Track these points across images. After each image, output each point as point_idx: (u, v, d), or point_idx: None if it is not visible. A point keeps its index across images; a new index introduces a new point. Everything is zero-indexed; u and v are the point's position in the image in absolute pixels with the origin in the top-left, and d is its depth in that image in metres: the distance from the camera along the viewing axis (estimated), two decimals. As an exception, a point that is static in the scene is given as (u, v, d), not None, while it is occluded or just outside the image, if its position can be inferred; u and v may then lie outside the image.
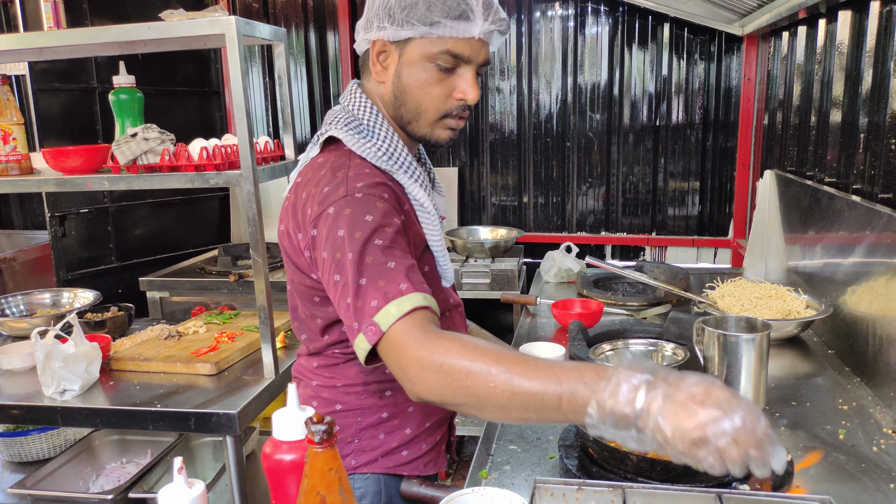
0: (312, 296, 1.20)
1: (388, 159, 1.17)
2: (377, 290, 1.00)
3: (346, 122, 1.20)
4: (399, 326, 0.97)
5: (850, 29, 1.99)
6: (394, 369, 1.00)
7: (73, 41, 1.87)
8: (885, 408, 1.51)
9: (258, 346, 2.05)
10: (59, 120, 3.14)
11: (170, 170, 1.89)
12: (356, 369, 1.24)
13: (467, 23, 1.11)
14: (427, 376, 0.95)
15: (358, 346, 1.02)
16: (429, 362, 0.94)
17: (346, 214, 1.06)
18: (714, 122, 3.50)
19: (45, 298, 2.55)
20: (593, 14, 3.52)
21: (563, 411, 0.88)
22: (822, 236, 2.03)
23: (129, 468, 2.18)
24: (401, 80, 1.16)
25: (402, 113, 1.19)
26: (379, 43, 1.16)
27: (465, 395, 0.93)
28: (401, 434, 1.27)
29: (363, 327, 1.00)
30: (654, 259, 3.67)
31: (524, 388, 0.90)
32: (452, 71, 1.15)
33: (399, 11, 1.11)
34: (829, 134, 2.14)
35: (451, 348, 0.94)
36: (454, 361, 0.93)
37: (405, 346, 0.97)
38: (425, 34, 1.11)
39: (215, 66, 3.91)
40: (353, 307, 1.01)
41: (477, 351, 0.94)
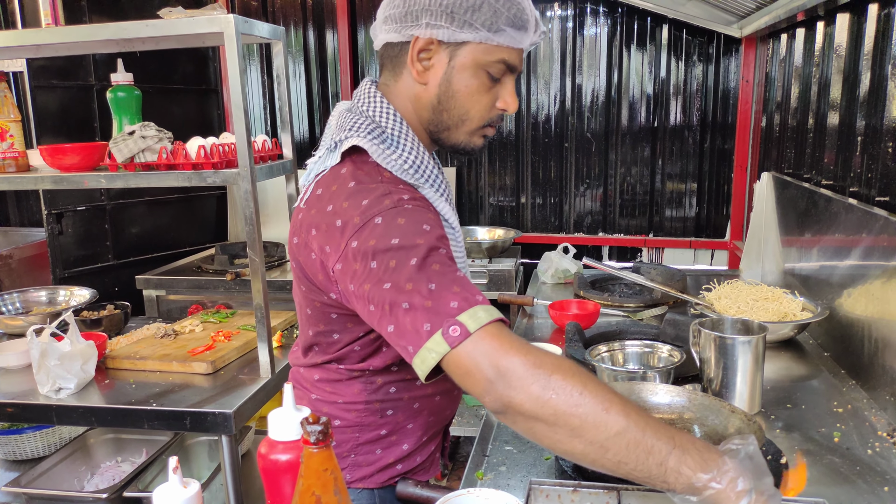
0: (329, 313, 1.14)
1: (414, 172, 1.11)
2: (454, 294, 0.91)
3: (367, 129, 1.10)
4: (491, 328, 0.89)
5: (849, 32, 1.99)
6: (479, 373, 0.88)
7: (71, 38, 1.86)
8: (880, 411, 1.51)
9: (254, 346, 2.05)
10: (56, 117, 3.13)
11: (167, 168, 1.89)
12: (359, 387, 1.20)
13: (524, 33, 1.08)
14: (531, 382, 0.85)
15: (429, 349, 0.90)
16: (535, 369, 0.86)
17: (399, 224, 0.97)
18: (712, 123, 3.50)
19: (41, 296, 2.54)
20: (592, 15, 3.52)
21: (667, 469, 0.83)
22: (819, 239, 2.04)
23: (124, 467, 2.17)
24: (450, 84, 1.09)
25: (444, 118, 1.12)
26: (423, 41, 1.07)
27: (568, 415, 0.84)
28: (398, 450, 1.25)
29: (442, 327, 0.89)
30: (651, 260, 3.67)
31: (638, 428, 0.84)
32: (498, 80, 1.11)
33: (462, 12, 1.04)
34: (826, 136, 2.14)
35: (564, 363, 0.87)
36: (567, 376, 0.86)
37: (505, 347, 0.87)
38: (486, 40, 1.06)
39: (213, 64, 3.90)
40: (423, 308, 0.91)
41: (590, 375, 0.88)
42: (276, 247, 3.37)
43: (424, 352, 0.91)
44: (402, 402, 1.22)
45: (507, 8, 1.05)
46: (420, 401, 1.24)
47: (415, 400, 1.23)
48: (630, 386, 1.37)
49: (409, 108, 1.15)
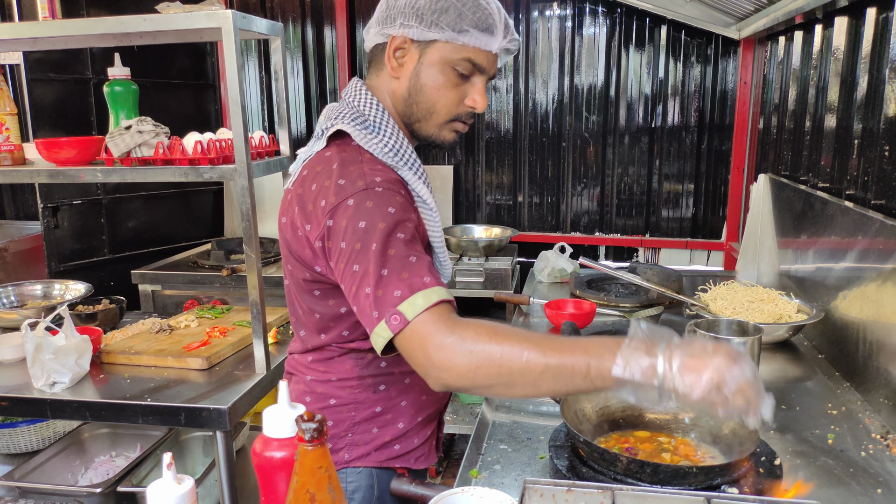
0: (312, 289, 1.20)
1: (393, 155, 1.19)
2: (401, 281, 1.02)
3: (352, 117, 1.20)
4: (426, 316, 0.99)
5: (847, 35, 1.99)
6: (416, 359, 1.01)
7: (69, 32, 1.86)
8: (874, 413, 1.51)
9: (250, 342, 2.05)
10: (52, 110, 3.12)
11: (164, 163, 1.88)
12: (351, 363, 1.25)
13: (490, 36, 1.16)
14: (457, 361, 0.97)
15: (378, 334, 1.02)
16: (459, 347, 0.97)
17: (367, 206, 1.07)
18: (709, 124, 3.50)
19: (36, 290, 2.53)
20: (591, 15, 3.52)
21: (592, 377, 0.96)
22: (815, 241, 2.04)
23: (119, 461, 2.17)
24: (419, 78, 1.19)
25: (414, 111, 1.22)
26: (399, 39, 1.18)
27: (497, 375, 0.97)
28: (394, 428, 1.28)
29: (385, 316, 1.01)
30: (648, 260, 3.68)
31: (556, 360, 0.96)
32: (468, 79, 1.19)
33: (429, 13, 1.14)
34: (823, 139, 2.15)
35: (481, 332, 0.98)
36: (485, 344, 0.97)
37: (432, 333, 0.98)
38: (451, 39, 1.15)
39: (211, 59, 3.89)
40: (374, 296, 1.02)
41: (505, 332, 0.99)
42: (273, 243, 3.36)
43: (374, 335, 1.03)
44: (394, 376, 1.27)
45: (472, 11, 1.15)
46: (411, 376, 1.28)
47: (406, 375, 1.28)
48: (625, 386, 1.37)
49: (388, 102, 1.24)
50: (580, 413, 1.33)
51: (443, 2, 1.14)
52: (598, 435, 1.33)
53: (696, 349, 0.96)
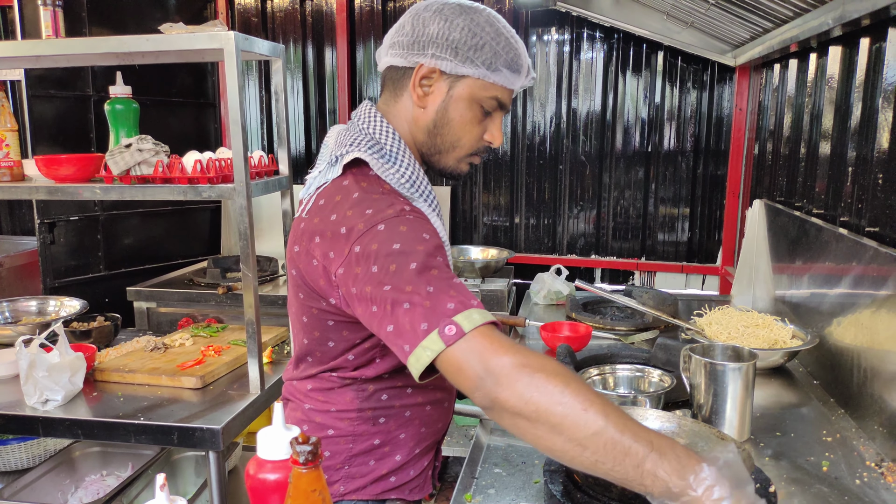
0: (326, 319, 1.17)
1: (409, 186, 1.17)
2: (452, 297, 0.96)
3: (367, 144, 1.17)
4: (484, 329, 0.94)
5: (841, 63, 2.02)
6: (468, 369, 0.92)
7: (72, 51, 1.87)
8: (869, 440, 1.51)
9: (244, 361, 2.04)
10: (52, 127, 3.13)
11: (163, 181, 1.89)
12: (351, 395, 1.23)
13: (517, 76, 1.18)
14: (517, 378, 0.89)
15: (425, 347, 0.94)
16: (522, 367, 0.90)
17: (401, 231, 1.03)
18: (705, 149, 3.53)
19: (30, 306, 2.53)
20: (589, 40, 3.56)
21: (644, 471, 0.85)
22: (810, 267, 2.05)
23: (109, 481, 2.15)
24: (447, 111, 1.18)
25: (437, 142, 1.21)
26: (427, 69, 1.16)
27: (549, 412, 0.88)
28: (391, 461, 1.26)
29: (439, 326, 0.93)
30: (643, 284, 3.68)
31: (617, 429, 0.86)
32: (489, 114, 1.20)
33: (465, 48, 1.13)
34: (817, 166, 2.17)
35: (549, 363, 0.92)
36: (551, 374, 0.89)
37: (495, 346, 0.92)
38: (483, 77, 1.15)
39: (212, 78, 3.92)
40: (423, 308, 0.95)
41: (575, 376, 0.92)
42: (269, 261, 3.37)
43: (420, 350, 0.94)
44: (394, 409, 1.24)
45: (505, 51, 1.16)
46: (411, 409, 1.26)
47: (406, 408, 1.25)
48: (620, 410, 1.37)
49: (406, 129, 1.22)
50: (575, 437, 1.32)
51: (478, 38, 1.14)
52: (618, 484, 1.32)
53: None
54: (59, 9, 2.00)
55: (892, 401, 1.45)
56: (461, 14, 1.15)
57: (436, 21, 1.15)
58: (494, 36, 1.15)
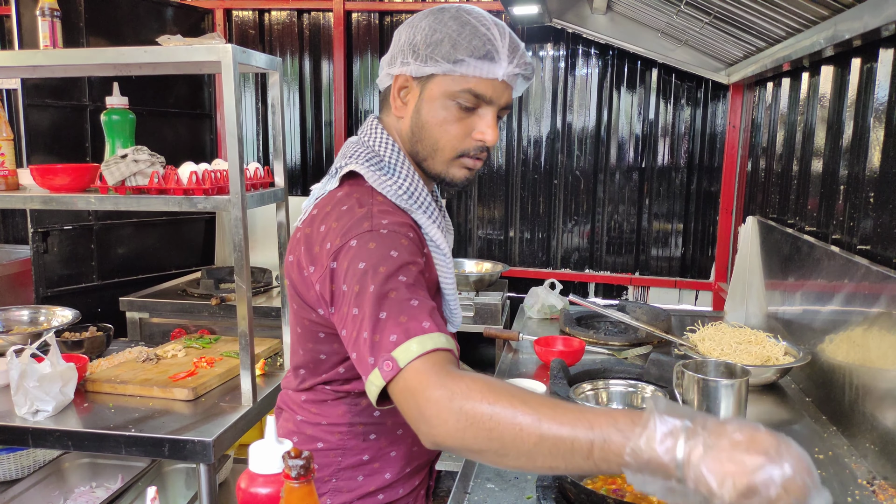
0: (317, 331, 1.16)
1: (407, 198, 1.15)
2: (398, 325, 0.94)
3: (366, 157, 1.17)
4: (418, 364, 0.91)
5: (833, 83, 2.04)
6: (408, 411, 0.92)
7: (70, 61, 1.88)
8: (861, 458, 1.52)
9: (237, 373, 2.03)
10: (48, 136, 3.13)
11: (158, 192, 1.89)
12: (344, 408, 1.21)
13: (492, 63, 1.11)
14: (446, 418, 0.87)
15: (371, 382, 0.95)
16: (449, 403, 0.87)
17: (369, 248, 1.03)
18: (699, 166, 3.56)
19: (22, 315, 2.51)
20: (584, 56, 3.59)
21: (595, 459, 0.81)
22: (802, 284, 2.06)
23: (99, 493, 2.14)
24: (420, 115, 1.16)
25: (419, 149, 1.18)
26: (401, 78, 1.16)
27: (488, 440, 0.85)
28: (380, 478, 1.24)
29: (379, 362, 0.93)
30: (637, 299, 3.69)
31: (553, 432, 0.83)
32: (473, 111, 1.14)
33: (424, 48, 1.11)
34: (810, 183, 2.18)
35: (474, 388, 0.87)
36: (477, 403, 0.86)
37: (424, 384, 0.90)
38: (448, 71, 1.11)
39: (208, 89, 3.93)
40: (371, 341, 0.95)
41: (501, 392, 0.87)
42: (263, 273, 3.36)
43: (368, 384, 0.96)
44: (386, 426, 1.23)
45: (467, 40, 1.10)
46: (403, 427, 1.23)
47: (398, 426, 1.23)
48: (613, 426, 1.37)
49: (399, 142, 1.22)
50: (568, 453, 1.32)
51: (437, 34, 1.11)
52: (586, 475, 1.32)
53: (726, 436, 0.76)
54: (57, 19, 2.01)
55: (884, 419, 1.46)
56: (426, 17, 1.14)
57: (405, 31, 1.16)
58: (457, 28, 1.10)
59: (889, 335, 1.46)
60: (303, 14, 3.88)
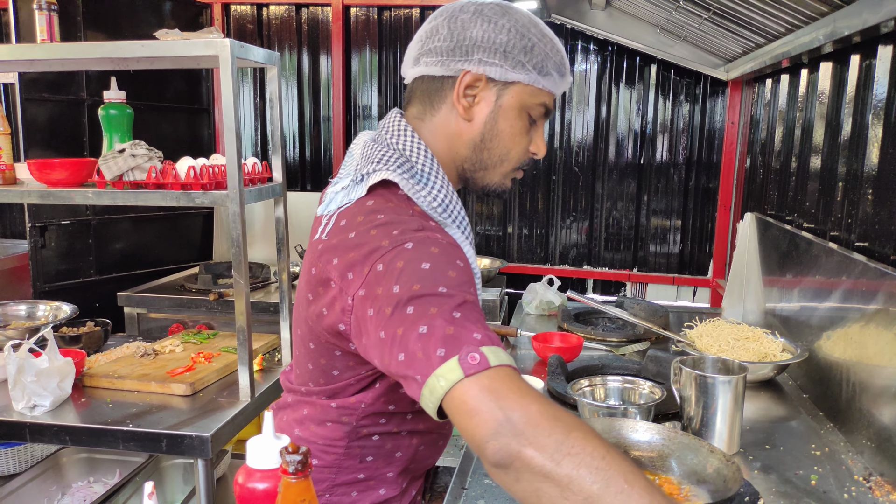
0: (334, 349, 1.08)
1: (442, 211, 1.07)
2: (480, 329, 0.85)
3: (397, 163, 1.06)
4: (512, 372, 0.81)
5: (831, 80, 2.04)
6: (483, 413, 0.78)
7: (67, 55, 1.87)
8: (857, 454, 1.52)
9: (235, 368, 2.04)
10: (45, 130, 3.12)
11: (155, 187, 1.89)
12: (343, 432, 1.15)
13: (563, 79, 1.10)
14: (548, 434, 0.75)
15: (440, 375, 0.81)
16: (557, 419, 0.76)
17: (432, 251, 0.92)
18: (697, 162, 3.56)
19: (20, 310, 2.51)
20: (583, 52, 3.58)
21: None
22: (800, 280, 2.06)
23: (96, 488, 2.14)
24: (496, 123, 1.09)
25: (484, 157, 1.11)
26: (471, 76, 1.06)
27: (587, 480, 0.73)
28: (374, 494, 1.19)
29: (460, 353, 0.80)
30: (635, 295, 3.69)
31: None
32: (535, 123, 1.12)
33: (517, 52, 1.04)
34: (808, 180, 2.18)
35: (583, 423, 0.79)
36: (590, 434, 0.76)
37: (523, 393, 0.78)
38: (533, 82, 1.07)
39: (206, 84, 3.92)
40: (441, 334, 0.83)
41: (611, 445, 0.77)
42: (261, 268, 3.36)
43: (434, 379, 0.81)
44: (384, 450, 1.18)
45: (554, 53, 1.08)
46: (402, 450, 1.20)
47: (397, 449, 1.19)
48: (611, 422, 1.37)
49: (444, 144, 1.12)
50: (565, 449, 1.32)
51: (527, 40, 1.05)
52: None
53: None
54: (54, 13, 2.00)
55: (881, 415, 1.46)
56: (504, 15, 1.06)
57: (478, 23, 1.05)
58: (541, 38, 1.07)
59: (886, 332, 1.46)
60: (301, 9, 3.86)
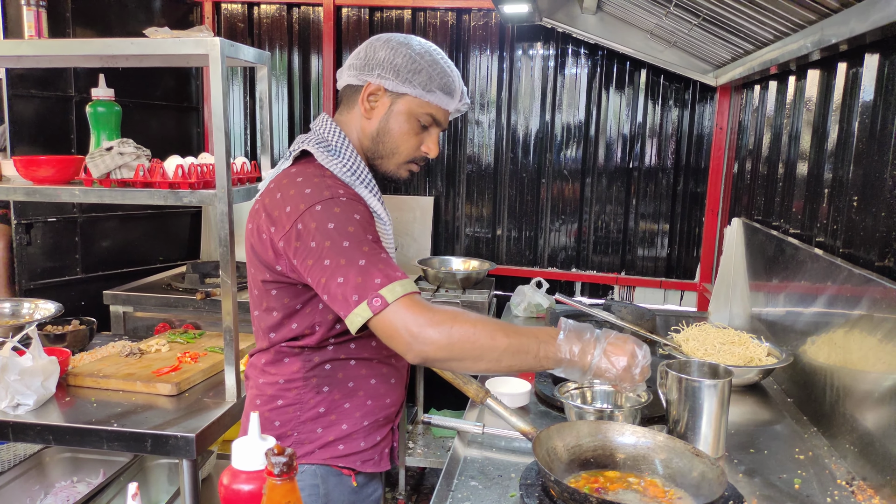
0: (270, 289, 1.34)
1: (350, 174, 1.35)
2: (379, 271, 1.17)
3: (317, 141, 1.38)
4: (405, 301, 1.16)
5: (819, 87, 2.06)
6: (398, 337, 1.16)
7: (55, 52, 1.86)
8: (840, 459, 1.53)
9: (221, 368, 2.03)
10: (32, 127, 3.09)
11: (143, 185, 1.87)
12: (298, 364, 1.36)
13: (450, 98, 1.39)
14: (437, 338, 1.15)
15: (357, 314, 1.16)
16: (439, 326, 1.15)
17: (335, 211, 1.23)
18: (685, 167, 3.58)
19: (4, 308, 2.48)
20: (573, 56, 3.60)
21: (539, 357, 1.22)
22: (785, 286, 2.08)
23: (80, 488, 2.12)
24: (388, 123, 1.38)
25: (379, 149, 1.41)
26: (374, 86, 1.36)
27: (471, 349, 1.17)
28: (337, 429, 1.38)
29: (367, 298, 1.15)
30: (623, 298, 3.71)
31: (515, 340, 1.20)
32: (426, 129, 1.41)
33: (405, 71, 1.34)
34: (795, 186, 2.20)
35: (457, 315, 1.19)
36: (461, 324, 1.17)
37: (415, 312, 1.15)
38: (419, 96, 1.36)
39: (195, 82, 3.90)
40: (353, 282, 1.16)
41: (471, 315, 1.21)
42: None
43: (352, 316, 1.17)
44: (337, 379, 1.38)
45: (439, 76, 1.37)
46: (354, 381, 1.39)
47: (349, 379, 1.38)
48: (597, 425, 1.38)
49: (355, 135, 1.42)
50: (552, 452, 1.33)
51: (416, 64, 1.35)
52: (569, 474, 1.33)
53: (615, 338, 1.27)
54: (42, 9, 1.98)
55: (864, 420, 1.48)
56: (404, 45, 1.37)
57: (384, 49, 1.36)
58: (431, 63, 1.36)
59: (870, 337, 1.48)
60: (292, 8, 3.86)
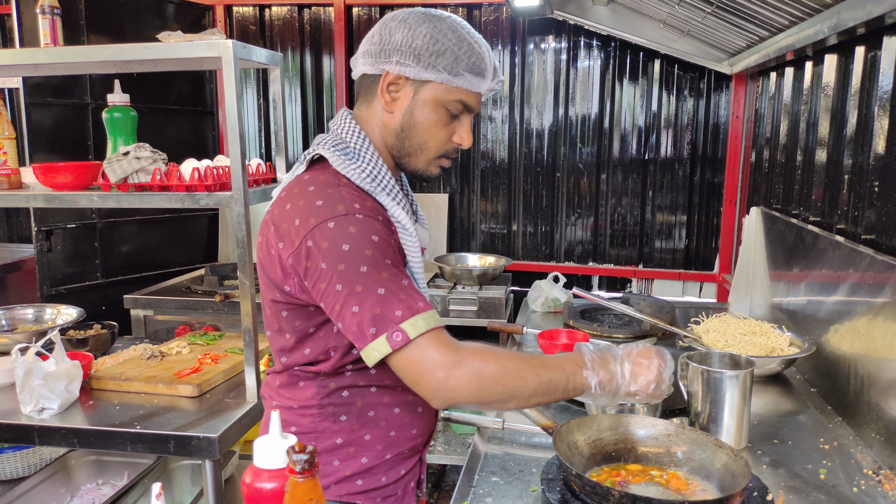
0: (281, 310, 1.22)
1: (370, 181, 1.21)
2: (400, 302, 1.07)
3: (333, 143, 1.24)
4: (429, 338, 1.07)
5: (836, 72, 2.03)
6: (422, 380, 1.08)
7: (70, 59, 1.87)
8: (866, 448, 1.51)
9: (241, 369, 2.04)
10: (50, 134, 3.13)
11: (160, 189, 1.89)
12: (313, 390, 1.25)
13: (481, 79, 1.22)
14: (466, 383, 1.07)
15: (374, 348, 1.07)
16: (468, 370, 1.07)
17: (350, 232, 1.10)
18: (702, 157, 3.54)
19: (27, 314, 2.52)
20: (586, 48, 3.57)
21: (569, 390, 1.17)
22: (806, 274, 2.05)
23: (105, 490, 2.14)
24: (412, 115, 1.23)
25: (406, 145, 1.25)
26: (393, 76, 1.21)
27: (501, 392, 1.10)
28: (356, 463, 1.26)
29: (386, 331, 1.06)
30: (641, 291, 3.69)
31: (545, 378, 1.14)
32: (456, 117, 1.24)
33: (427, 55, 1.18)
34: (814, 173, 2.17)
35: (486, 355, 1.11)
36: (492, 366, 1.10)
37: (442, 352, 1.07)
38: (446, 81, 1.20)
39: (210, 86, 3.93)
40: (370, 313, 1.06)
41: (504, 355, 1.14)
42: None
43: (369, 349, 1.08)
44: (356, 408, 1.26)
45: (467, 56, 1.20)
46: (375, 409, 1.27)
47: (369, 408, 1.26)
48: (618, 419, 1.37)
49: (377, 133, 1.28)
50: (572, 446, 1.32)
51: (440, 45, 1.18)
52: (591, 468, 1.32)
53: (637, 356, 1.21)
54: (57, 17, 2.00)
55: (890, 408, 1.46)
56: (424, 22, 1.20)
57: (400, 30, 1.20)
58: (456, 42, 1.19)
59: (894, 325, 1.45)
60: (303, 9, 3.87)
